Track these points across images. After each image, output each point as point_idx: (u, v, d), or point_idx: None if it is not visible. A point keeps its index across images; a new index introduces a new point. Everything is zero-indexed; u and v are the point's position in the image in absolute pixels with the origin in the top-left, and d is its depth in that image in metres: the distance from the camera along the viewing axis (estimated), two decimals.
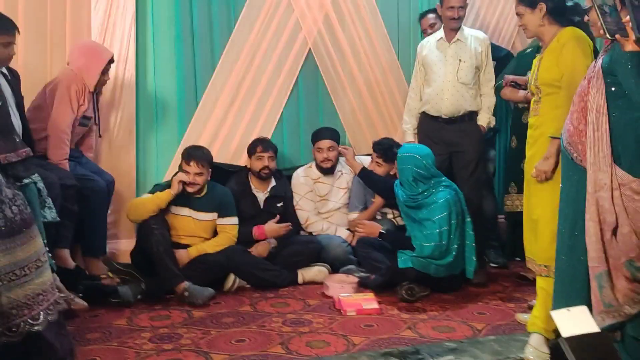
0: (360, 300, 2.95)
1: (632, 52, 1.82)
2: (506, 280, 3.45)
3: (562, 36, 2.49)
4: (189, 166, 3.28)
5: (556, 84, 2.46)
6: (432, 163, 3.24)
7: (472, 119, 3.52)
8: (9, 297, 1.94)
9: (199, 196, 3.36)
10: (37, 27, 3.35)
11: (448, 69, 3.47)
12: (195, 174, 3.27)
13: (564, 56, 2.44)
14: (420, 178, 3.20)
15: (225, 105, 3.81)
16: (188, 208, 3.35)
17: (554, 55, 2.47)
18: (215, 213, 3.42)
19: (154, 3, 3.66)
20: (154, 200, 3.21)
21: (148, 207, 3.20)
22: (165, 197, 3.22)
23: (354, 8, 4.02)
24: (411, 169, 3.19)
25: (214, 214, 3.42)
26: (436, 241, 3.03)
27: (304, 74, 4.02)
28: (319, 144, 3.76)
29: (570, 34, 2.48)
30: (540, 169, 2.45)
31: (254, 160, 3.60)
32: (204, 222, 3.40)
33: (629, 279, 1.96)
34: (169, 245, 3.18)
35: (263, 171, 3.58)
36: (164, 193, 3.23)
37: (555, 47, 2.48)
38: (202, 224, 3.39)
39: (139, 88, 3.67)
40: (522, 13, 2.59)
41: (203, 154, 3.33)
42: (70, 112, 3.12)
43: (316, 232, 3.73)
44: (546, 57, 2.52)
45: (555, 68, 2.46)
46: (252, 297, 3.18)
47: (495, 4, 4.35)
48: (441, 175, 3.28)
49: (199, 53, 3.77)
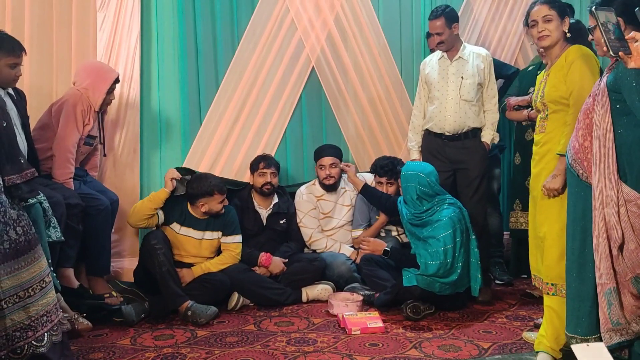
0: (365, 319, 2.94)
1: (636, 69, 1.83)
2: (512, 298, 3.43)
3: (570, 53, 2.49)
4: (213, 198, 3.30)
5: (563, 101, 2.46)
6: (436, 181, 3.24)
7: (476, 136, 3.52)
8: (13, 319, 1.94)
9: (205, 217, 3.36)
10: (43, 47, 3.38)
11: (450, 87, 3.48)
12: (219, 202, 3.33)
13: (571, 73, 2.44)
14: (424, 196, 3.19)
15: (229, 123, 3.83)
16: (194, 229, 3.35)
17: (562, 72, 2.47)
18: (220, 232, 3.42)
19: (159, 23, 3.70)
20: (151, 200, 3.27)
21: (147, 205, 3.25)
22: (161, 196, 3.27)
23: (357, 26, 4.05)
24: (415, 187, 3.19)
25: (219, 233, 3.42)
26: (441, 259, 3.02)
27: (307, 91, 4.04)
28: (321, 161, 3.77)
29: (578, 52, 2.48)
30: (549, 187, 2.44)
31: (256, 177, 3.61)
32: (209, 242, 3.40)
33: (635, 295, 1.95)
34: (172, 264, 3.18)
35: (265, 187, 3.59)
36: (160, 192, 3.30)
37: (563, 65, 2.48)
38: (207, 244, 3.39)
39: (143, 107, 3.69)
40: (552, 19, 2.55)
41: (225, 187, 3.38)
42: (75, 132, 3.13)
43: (320, 250, 3.72)
44: (553, 73, 2.52)
45: (562, 85, 2.46)
46: (256, 316, 3.17)
47: (498, 21, 4.37)
48: (445, 192, 3.27)
49: (202, 71, 3.80)
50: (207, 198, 3.29)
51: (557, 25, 2.55)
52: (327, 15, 3.96)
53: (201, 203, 3.29)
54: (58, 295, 2.35)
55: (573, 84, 2.44)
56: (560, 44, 2.56)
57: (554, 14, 2.56)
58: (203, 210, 3.31)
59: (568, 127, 2.40)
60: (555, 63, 2.55)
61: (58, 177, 3.07)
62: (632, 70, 1.87)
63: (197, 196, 3.29)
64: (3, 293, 1.92)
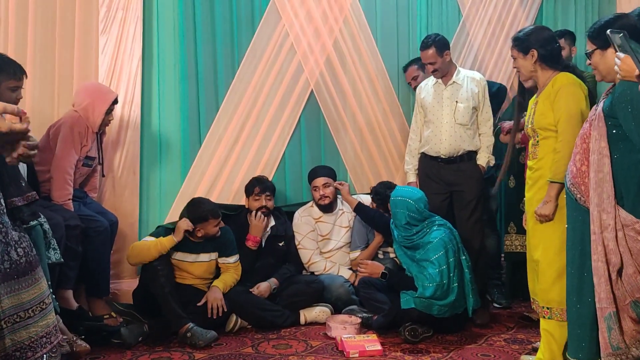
0: (363, 342, 2.93)
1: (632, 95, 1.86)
2: (510, 321, 3.43)
3: (556, 81, 2.54)
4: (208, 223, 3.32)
5: (552, 128, 2.50)
6: (425, 207, 3.25)
7: (471, 159, 3.56)
8: (13, 339, 1.93)
9: (200, 240, 3.37)
10: (45, 70, 3.41)
11: (445, 111, 3.52)
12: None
13: (557, 102, 2.49)
14: (414, 221, 3.21)
15: (229, 145, 3.86)
16: (189, 253, 3.35)
17: (549, 100, 2.52)
18: (215, 253, 3.43)
19: (160, 46, 3.74)
20: (157, 246, 3.18)
21: (151, 253, 3.17)
22: (168, 244, 3.20)
23: (355, 51, 4.11)
24: (404, 212, 3.21)
25: (214, 254, 3.42)
26: (437, 281, 3.03)
27: (306, 114, 4.08)
28: (315, 182, 3.80)
29: (564, 80, 2.53)
30: (540, 213, 2.47)
31: (252, 201, 3.62)
32: (206, 264, 3.40)
33: (634, 320, 1.96)
34: (174, 286, 3.18)
35: (261, 210, 3.60)
36: (167, 240, 3.21)
37: (550, 92, 2.53)
38: (204, 266, 3.40)
39: (143, 129, 3.72)
40: (515, 57, 2.66)
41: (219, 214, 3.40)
42: (73, 153, 3.14)
43: (318, 272, 3.72)
44: (541, 101, 2.57)
45: (550, 113, 2.50)
46: (254, 338, 3.16)
47: (494, 45, 4.45)
48: (434, 215, 3.29)
49: (203, 94, 3.83)
50: (202, 224, 3.30)
51: (522, 62, 2.64)
52: (326, 39, 4.02)
53: (197, 229, 3.30)
54: (57, 317, 2.34)
55: (559, 112, 2.47)
56: (542, 72, 2.61)
57: (516, 53, 2.66)
58: (199, 235, 3.32)
59: (557, 154, 2.44)
60: (543, 90, 2.59)
61: (57, 199, 3.08)
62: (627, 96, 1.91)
63: (194, 221, 3.29)
64: (3, 312, 1.92)
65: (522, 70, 2.64)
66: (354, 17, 4.09)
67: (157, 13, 3.73)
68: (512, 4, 4.46)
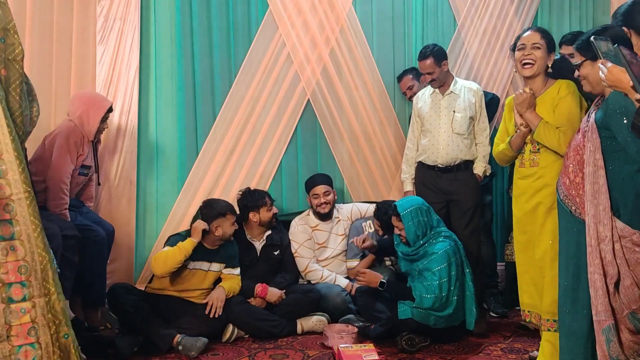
0: (360, 351, 2.92)
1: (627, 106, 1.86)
2: (506, 330, 3.43)
3: (563, 88, 2.55)
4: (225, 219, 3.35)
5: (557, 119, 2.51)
6: (430, 209, 3.26)
7: (468, 168, 3.57)
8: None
9: (215, 248, 3.38)
10: (42, 79, 3.40)
11: (442, 120, 3.54)
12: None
13: (561, 107, 2.49)
14: (424, 229, 3.18)
15: (225, 155, 3.87)
16: (204, 262, 3.36)
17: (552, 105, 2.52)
18: (223, 264, 3.44)
19: (157, 56, 3.75)
20: (181, 250, 3.18)
21: (177, 258, 3.17)
22: (190, 246, 3.21)
23: (352, 60, 4.13)
24: (415, 222, 3.17)
25: (222, 265, 3.44)
26: (436, 293, 3.02)
27: (303, 123, 4.08)
28: (315, 190, 3.80)
29: (571, 87, 2.54)
30: None
31: (264, 212, 3.61)
32: (213, 274, 3.41)
33: (632, 331, 1.95)
34: (143, 308, 3.11)
35: (274, 220, 3.65)
36: (188, 242, 3.22)
37: (554, 97, 2.53)
38: (212, 275, 3.41)
39: (140, 138, 3.72)
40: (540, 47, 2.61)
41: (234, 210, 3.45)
42: (69, 163, 3.14)
43: (315, 281, 3.71)
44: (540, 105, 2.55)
45: (550, 118, 2.51)
46: (251, 348, 3.15)
47: (489, 55, 4.47)
48: (441, 224, 3.29)
49: (200, 104, 3.84)
50: (221, 219, 3.31)
51: (544, 55, 2.60)
52: (322, 49, 4.04)
53: (215, 226, 3.30)
54: None
55: (561, 117, 2.48)
56: (542, 76, 2.61)
57: (543, 44, 2.61)
58: (217, 234, 3.31)
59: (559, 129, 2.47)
60: (541, 95, 2.58)
61: (53, 209, 3.07)
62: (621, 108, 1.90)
63: (212, 218, 3.30)
64: None
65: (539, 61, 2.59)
66: (350, 27, 4.11)
67: (154, 23, 3.74)
68: (507, 13, 4.49)
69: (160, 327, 3.09)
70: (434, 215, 3.27)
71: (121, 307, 3.12)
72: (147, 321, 3.07)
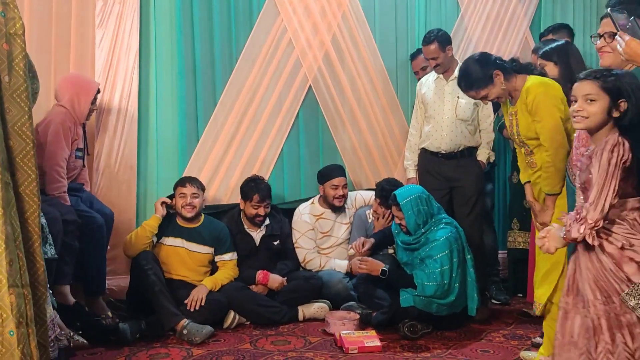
0: (362, 338, 2.92)
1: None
2: (509, 317, 3.42)
3: (529, 92, 2.47)
4: (185, 188, 3.36)
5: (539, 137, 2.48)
6: (430, 197, 3.24)
7: (472, 155, 3.54)
8: None
9: (194, 226, 3.37)
10: (41, 63, 3.34)
11: (446, 106, 3.51)
12: (191, 194, 3.36)
13: (537, 114, 2.44)
14: (424, 217, 3.15)
15: (226, 141, 3.84)
16: (181, 239, 3.37)
17: (526, 110, 2.48)
18: (212, 248, 3.42)
19: (157, 41, 3.72)
20: (144, 228, 3.28)
21: (141, 235, 3.25)
22: (154, 223, 3.30)
23: (354, 46, 4.09)
24: (415, 210, 3.14)
25: (210, 249, 3.42)
26: (438, 280, 3.01)
27: (305, 110, 4.05)
28: (335, 181, 3.70)
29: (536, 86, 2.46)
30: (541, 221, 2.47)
31: (249, 206, 3.54)
32: (198, 255, 3.39)
33: None
34: (164, 284, 3.16)
35: (257, 219, 3.56)
36: (151, 219, 3.32)
37: (526, 102, 2.48)
38: (195, 256, 3.39)
39: (141, 124, 3.69)
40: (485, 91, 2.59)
41: (195, 179, 3.45)
42: (65, 149, 3.12)
43: (315, 269, 3.68)
44: (520, 112, 2.52)
45: (532, 125, 2.48)
46: (252, 335, 3.14)
47: (492, 41, 4.43)
48: (441, 211, 3.27)
49: (200, 89, 3.81)
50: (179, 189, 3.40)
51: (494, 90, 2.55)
52: (324, 35, 4.00)
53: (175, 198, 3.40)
54: (54, 312, 2.32)
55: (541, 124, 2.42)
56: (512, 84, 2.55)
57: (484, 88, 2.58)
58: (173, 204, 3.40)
59: (549, 168, 2.43)
60: (519, 99, 2.53)
61: (52, 192, 3.04)
62: None
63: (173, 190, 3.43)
64: None
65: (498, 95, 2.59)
66: (352, 12, 4.07)
67: (154, 7, 3.70)
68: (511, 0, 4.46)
69: (171, 304, 3.10)
70: (434, 203, 3.25)
71: (144, 272, 3.12)
72: (162, 294, 3.10)
